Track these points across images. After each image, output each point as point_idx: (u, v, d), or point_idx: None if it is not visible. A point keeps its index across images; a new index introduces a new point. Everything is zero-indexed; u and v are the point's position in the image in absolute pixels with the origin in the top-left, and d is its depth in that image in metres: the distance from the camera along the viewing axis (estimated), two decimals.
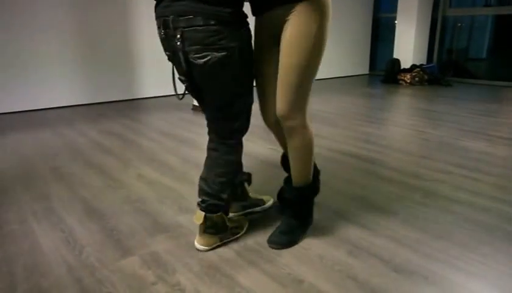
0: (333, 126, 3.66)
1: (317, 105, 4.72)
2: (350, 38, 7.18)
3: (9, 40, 4.10)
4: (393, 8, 6.80)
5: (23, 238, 1.72)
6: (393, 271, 1.48)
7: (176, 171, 2.51)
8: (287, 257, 1.58)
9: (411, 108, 4.52)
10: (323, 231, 1.78)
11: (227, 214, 1.70)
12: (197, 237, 1.64)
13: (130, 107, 4.61)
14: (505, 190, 2.21)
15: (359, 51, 7.44)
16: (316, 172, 1.77)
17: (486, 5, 6.30)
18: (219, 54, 1.41)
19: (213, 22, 1.36)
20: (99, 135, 3.37)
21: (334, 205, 2.04)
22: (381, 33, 7.59)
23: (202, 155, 2.38)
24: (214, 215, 1.62)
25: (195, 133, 3.41)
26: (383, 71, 6.56)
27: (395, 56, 6.66)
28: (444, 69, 6.63)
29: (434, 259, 1.56)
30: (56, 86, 4.47)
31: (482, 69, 6.48)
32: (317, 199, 2.07)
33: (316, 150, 2.93)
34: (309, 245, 1.67)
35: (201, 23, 1.36)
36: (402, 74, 6.23)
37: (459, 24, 6.65)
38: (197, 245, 1.63)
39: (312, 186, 1.73)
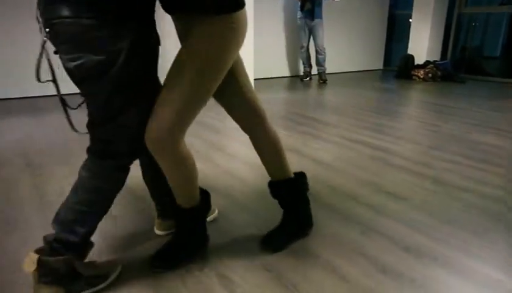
0: (346, 117, 3.68)
1: (331, 97, 4.73)
2: (366, 34, 7.12)
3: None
4: (409, 5, 6.70)
5: None
6: (403, 251, 1.52)
7: (200, 153, 2.58)
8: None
9: (423, 103, 4.49)
10: (337, 213, 1.82)
11: (82, 257, 1.25)
12: (33, 288, 1.17)
13: None
14: None
15: (374, 46, 7.37)
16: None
17: (502, 3, 6.16)
18: (96, 58, 1.06)
19: (86, 14, 1.01)
20: None
21: (348, 189, 2.08)
22: (396, 29, 7.49)
23: (222, 139, 2.46)
24: (53, 258, 1.15)
25: (217, 120, 3.47)
26: (397, 67, 6.50)
27: (409, 52, 6.58)
28: (457, 66, 6.53)
29: (444, 242, 1.59)
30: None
31: (496, 67, 6.35)
32: (332, 183, 2.11)
33: (330, 138, 2.97)
34: (324, 224, 1.71)
35: (68, 14, 1.01)
36: (416, 70, 6.16)
37: (474, 24, 6.52)
38: None
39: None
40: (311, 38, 5.72)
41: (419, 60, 6.39)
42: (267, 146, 1.50)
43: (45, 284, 1.15)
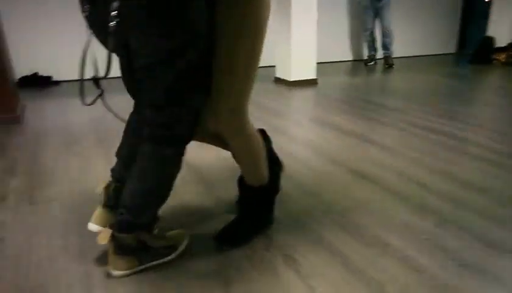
0: (415, 103, 3.45)
1: (398, 82, 4.47)
2: (437, 14, 6.61)
3: None
4: None
5: None
6: (486, 246, 1.40)
7: None
8: (372, 221, 1.56)
9: (503, 88, 4.09)
10: (408, 201, 1.72)
11: (150, 231, 1.30)
12: (109, 257, 1.25)
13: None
14: None
15: (447, 28, 6.82)
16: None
17: None
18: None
19: None
20: None
21: (420, 178, 1.95)
22: (473, 9, 6.86)
23: (286, 123, 2.44)
24: (125, 235, 1.22)
25: (278, 103, 3.44)
26: (473, 50, 5.97)
27: (489, 34, 6.00)
28: None
29: None
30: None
31: None
32: (402, 171, 2.00)
33: (398, 124, 2.81)
34: (395, 212, 1.63)
35: None
36: (496, 54, 5.62)
37: None
38: (110, 270, 1.25)
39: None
40: (377, 19, 5.44)
41: (501, 42, 5.81)
42: (241, 157, 1.40)
43: (119, 255, 1.23)
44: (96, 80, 1.16)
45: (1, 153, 2.30)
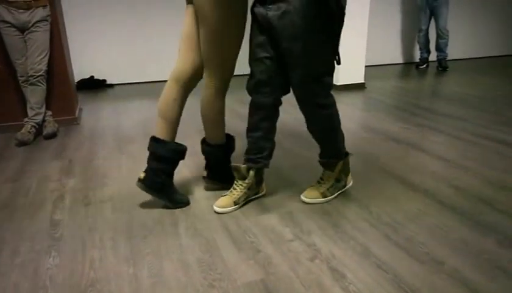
0: (478, 110, 3.24)
1: (453, 86, 4.23)
2: (498, 13, 6.17)
3: (167, 18, 4.57)
4: None
5: (179, 184, 1.93)
6: None
7: (310, 143, 2.53)
8: (424, 236, 1.47)
9: None
10: (466, 217, 1.61)
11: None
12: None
13: None
14: None
15: (508, 27, 6.36)
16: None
17: None
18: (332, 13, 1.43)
19: None
20: (236, 103, 3.58)
21: (479, 191, 1.82)
22: None
23: None
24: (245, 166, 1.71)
25: None
26: None
27: None
28: None
29: None
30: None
31: None
32: (459, 183, 1.89)
33: (453, 132, 2.65)
34: (450, 228, 1.53)
35: None
36: None
37: None
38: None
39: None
40: (432, 19, 5.18)
41: None
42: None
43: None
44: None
45: (60, 154, 2.45)
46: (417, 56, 5.70)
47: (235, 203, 1.69)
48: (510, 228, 1.52)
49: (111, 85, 4.63)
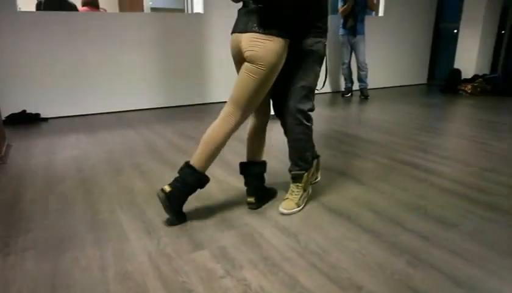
0: (391, 135, 3.50)
1: (373, 113, 4.55)
2: (409, 48, 6.83)
3: (100, 50, 4.44)
4: (455, 18, 6.36)
5: (112, 226, 1.84)
6: (454, 285, 1.38)
7: (236, 170, 2.54)
8: (347, 262, 1.53)
9: (472, 119, 4.20)
10: (382, 239, 1.70)
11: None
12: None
13: (202, 110, 4.77)
14: None
15: (418, 60, 7.04)
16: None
17: None
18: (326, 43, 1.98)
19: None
20: (174, 135, 3.53)
21: (393, 214, 1.95)
22: (441, 43, 7.12)
23: (266, 158, 2.42)
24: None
25: None
26: (442, 81, 6.16)
27: (456, 66, 6.22)
28: (509, 80, 6.05)
29: (499, 277, 1.42)
30: (138, 91, 4.76)
31: None
32: (375, 207, 1.99)
33: (373, 158, 2.83)
34: (369, 252, 1.61)
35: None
36: (463, 85, 5.80)
37: None
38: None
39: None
40: (353, 54, 5.58)
41: (467, 74, 6.02)
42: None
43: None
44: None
45: None
46: (342, 85, 6.08)
47: (298, 205, 1.98)
48: (419, 248, 1.63)
49: (45, 119, 4.35)
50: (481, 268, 1.48)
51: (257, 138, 2.03)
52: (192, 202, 2.09)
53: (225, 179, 2.44)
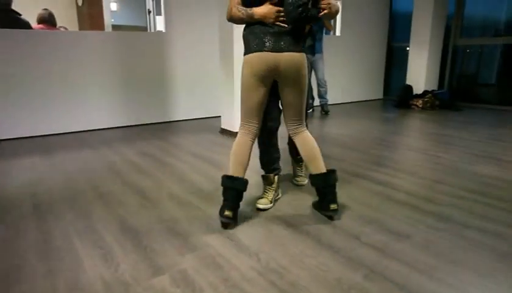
0: (350, 150, 3.62)
1: (335, 129, 4.68)
2: (366, 65, 7.15)
3: (58, 70, 4.29)
4: (405, 38, 6.75)
5: (66, 254, 1.75)
6: None
7: (204, 192, 2.53)
8: (306, 279, 1.55)
9: (423, 133, 4.42)
10: (340, 254, 1.74)
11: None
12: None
13: (164, 129, 4.70)
14: None
15: (374, 77, 7.38)
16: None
17: (496, 34, 6.16)
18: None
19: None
20: (135, 156, 3.45)
21: (351, 228, 2.00)
22: (394, 60, 7.52)
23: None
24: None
25: (222, 155, 3.44)
26: (397, 96, 6.48)
27: (407, 82, 6.57)
28: (455, 95, 6.48)
29: (448, 285, 1.49)
30: (98, 110, 4.63)
31: (492, 94, 6.29)
32: (336, 221, 2.04)
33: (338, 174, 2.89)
34: (328, 267, 1.63)
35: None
36: (415, 100, 6.13)
37: (468, 50, 6.51)
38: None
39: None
40: (313, 72, 5.75)
41: (417, 89, 6.37)
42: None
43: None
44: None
45: None
46: None
47: (271, 202, 2.26)
48: (375, 261, 1.68)
49: None
50: (431, 277, 1.55)
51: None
52: (154, 225, 2.04)
53: (187, 199, 2.41)
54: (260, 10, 1.94)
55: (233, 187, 2.01)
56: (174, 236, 1.92)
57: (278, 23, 1.95)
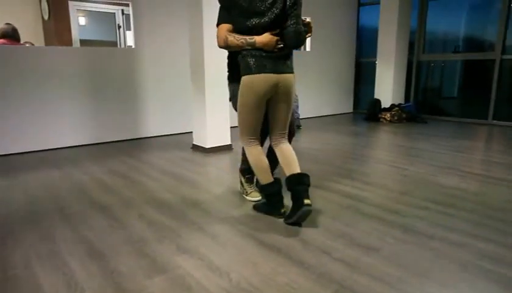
0: (321, 164, 3.67)
1: (305, 143, 4.75)
2: (336, 80, 7.34)
3: (21, 85, 4.15)
4: (372, 53, 7.01)
5: (25, 282, 1.67)
6: None
7: (174, 210, 2.48)
8: None
9: (391, 145, 4.56)
10: (311, 270, 1.74)
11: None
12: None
13: (134, 146, 4.61)
14: (478, 225, 2.20)
15: (344, 91, 7.58)
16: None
17: (455, 51, 6.50)
18: None
19: None
20: (103, 174, 3.35)
21: (321, 243, 2.01)
22: (363, 75, 7.77)
23: (199, 193, 2.39)
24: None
25: (193, 172, 3.40)
26: (365, 110, 6.67)
27: (376, 96, 6.79)
28: (420, 108, 6.75)
29: None
30: (64, 128, 4.49)
31: (454, 107, 6.60)
32: (305, 236, 2.05)
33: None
34: (299, 285, 1.63)
35: None
36: (383, 113, 6.33)
37: (432, 65, 6.83)
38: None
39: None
40: None
41: (385, 103, 6.60)
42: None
43: None
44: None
45: None
46: None
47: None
48: (345, 276, 1.69)
49: None
50: (399, 290, 1.58)
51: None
52: (122, 246, 1.98)
53: (157, 218, 2.36)
54: (262, 39, 2.12)
55: (273, 193, 2.33)
56: (142, 258, 1.87)
57: (276, 49, 2.15)
